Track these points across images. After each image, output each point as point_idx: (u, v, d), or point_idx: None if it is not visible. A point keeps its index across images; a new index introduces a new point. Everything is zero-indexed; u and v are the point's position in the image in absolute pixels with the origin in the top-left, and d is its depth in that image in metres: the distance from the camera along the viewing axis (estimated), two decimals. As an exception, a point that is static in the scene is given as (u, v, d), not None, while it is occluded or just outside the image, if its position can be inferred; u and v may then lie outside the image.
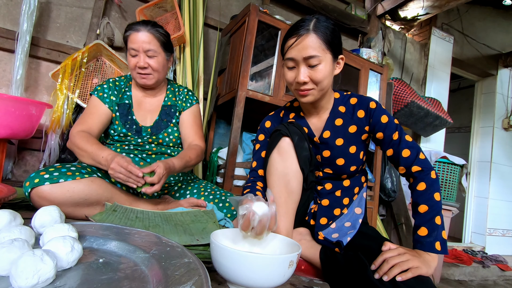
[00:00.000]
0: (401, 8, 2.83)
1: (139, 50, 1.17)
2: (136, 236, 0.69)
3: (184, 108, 1.33)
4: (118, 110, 1.24)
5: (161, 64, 1.22)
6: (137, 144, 1.23)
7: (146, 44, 1.16)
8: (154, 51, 1.18)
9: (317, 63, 0.88)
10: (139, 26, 1.18)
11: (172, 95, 1.35)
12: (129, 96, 1.28)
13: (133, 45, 1.17)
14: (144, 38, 1.16)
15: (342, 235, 0.89)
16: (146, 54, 1.18)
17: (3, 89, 1.69)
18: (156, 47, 1.19)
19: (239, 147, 2.00)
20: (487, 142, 3.83)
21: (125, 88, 1.29)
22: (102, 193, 0.99)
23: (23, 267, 0.44)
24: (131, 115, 1.25)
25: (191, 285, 0.47)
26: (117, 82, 1.29)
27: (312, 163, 0.96)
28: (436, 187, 0.85)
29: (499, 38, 3.91)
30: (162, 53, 1.22)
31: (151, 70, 1.20)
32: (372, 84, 2.32)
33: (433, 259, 0.77)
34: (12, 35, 1.64)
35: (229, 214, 1.16)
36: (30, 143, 1.70)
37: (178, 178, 1.30)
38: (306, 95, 0.93)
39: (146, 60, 1.18)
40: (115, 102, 1.24)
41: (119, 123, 1.23)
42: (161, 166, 1.00)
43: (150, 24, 1.20)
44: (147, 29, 1.18)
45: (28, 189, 0.90)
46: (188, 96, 1.36)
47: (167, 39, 1.25)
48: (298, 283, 0.80)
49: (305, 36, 0.88)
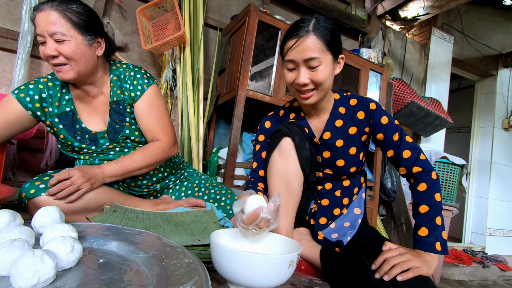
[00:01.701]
0: (401, 8, 2.83)
1: (44, 35, 0.91)
2: (136, 237, 0.69)
3: (134, 99, 1.08)
4: (59, 122, 1.03)
5: (77, 50, 0.94)
6: (100, 152, 1.07)
7: (51, 25, 0.90)
8: (62, 34, 0.91)
9: (317, 65, 0.88)
10: (42, 5, 0.92)
11: (117, 87, 1.08)
12: (69, 101, 1.05)
13: (37, 29, 0.91)
14: (48, 19, 0.90)
15: (341, 235, 0.89)
16: (53, 38, 0.92)
17: (3, 89, 1.69)
18: (64, 28, 0.91)
19: (239, 147, 2.00)
20: (487, 142, 3.83)
21: (62, 91, 1.04)
22: (101, 200, 0.96)
23: (23, 267, 0.44)
24: (78, 124, 1.05)
25: (191, 285, 0.47)
26: (50, 82, 1.03)
27: (313, 164, 0.96)
28: (437, 187, 0.85)
29: (499, 38, 3.91)
30: (78, 36, 0.94)
31: (63, 59, 0.94)
32: (372, 84, 2.32)
33: (434, 259, 0.77)
34: (12, 35, 1.64)
35: (224, 214, 1.14)
36: (30, 143, 1.70)
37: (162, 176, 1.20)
38: (308, 97, 0.92)
39: (54, 46, 0.92)
40: (52, 114, 1.02)
41: (66, 137, 1.04)
42: (72, 172, 0.88)
43: (59, 0, 0.93)
44: (51, 6, 0.91)
45: (25, 201, 0.86)
46: (136, 81, 1.08)
47: (84, 18, 0.95)
48: (298, 283, 0.80)
49: (305, 38, 0.87)
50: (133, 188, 1.16)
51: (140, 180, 1.15)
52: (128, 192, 1.16)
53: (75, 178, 0.88)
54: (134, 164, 1.01)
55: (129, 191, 1.17)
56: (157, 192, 1.23)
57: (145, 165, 1.04)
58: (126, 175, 1.02)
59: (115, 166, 0.99)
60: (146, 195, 1.20)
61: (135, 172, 1.03)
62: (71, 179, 0.88)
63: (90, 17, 0.98)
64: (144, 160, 1.03)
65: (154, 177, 1.17)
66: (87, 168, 0.94)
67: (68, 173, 0.88)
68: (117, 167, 0.99)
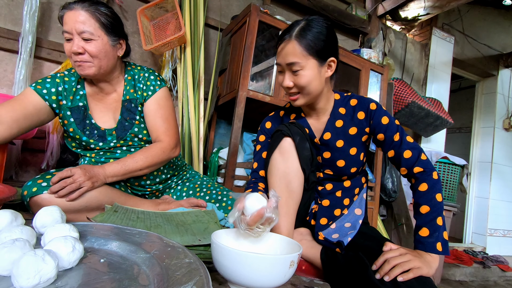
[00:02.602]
0: (401, 8, 2.83)
1: (72, 33, 0.97)
2: (137, 237, 0.69)
3: (145, 98, 1.12)
4: (71, 115, 1.07)
5: (102, 49, 1.01)
6: (107, 151, 1.10)
7: (80, 24, 0.96)
8: (91, 33, 0.98)
9: (298, 69, 0.90)
10: (73, 4, 0.98)
11: (130, 86, 1.13)
12: (83, 96, 1.10)
13: (65, 27, 0.97)
14: (78, 17, 0.96)
15: (342, 235, 0.89)
16: (82, 36, 0.98)
17: (5, 89, 1.69)
18: (93, 28, 0.98)
19: (240, 147, 2.00)
20: (487, 142, 3.82)
21: (77, 86, 1.09)
22: (103, 199, 0.96)
23: (24, 267, 0.44)
24: (89, 119, 1.09)
25: (192, 285, 0.48)
26: (66, 78, 1.09)
27: (313, 164, 0.96)
28: (438, 188, 0.85)
29: (499, 38, 3.91)
30: (104, 37, 1.01)
31: (88, 57, 1.00)
32: (372, 84, 2.32)
33: (434, 260, 0.77)
34: (13, 36, 1.65)
35: (225, 214, 1.15)
36: (31, 144, 1.71)
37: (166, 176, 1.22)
38: (295, 99, 0.96)
39: (80, 44, 0.98)
40: (65, 107, 1.07)
41: (76, 131, 1.07)
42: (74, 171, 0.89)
43: (89, 1, 1.00)
44: (82, 6, 0.98)
45: (26, 199, 0.87)
46: (150, 82, 1.13)
47: (111, 20, 1.03)
48: (299, 283, 0.80)
49: (287, 43, 0.90)
50: (136, 188, 1.17)
51: (144, 180, 1.17)
52: (131, 192, 1.17)
53: (77, 176, 0.89)
54: (136, 164, 1.02)
55: (132, 191, 1.18)
56: (159, 192, 1.25)
57: (146, 166, 1.05)
58: (127, 175, 1.03)
59: (117, 165, 1.00)
60: (149, 195, 1.22)
61: (136, 173, 1.04)
62: (72, 177, 0.89)
63: (116, 19, 1.05)
64: (145, 160, 1.04)
65: (157, 178, 1.20)
66: (89, 167, 0.95)
67: (70, 171, 0.89)
68: (119, 166, 1.00)
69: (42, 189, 0.87)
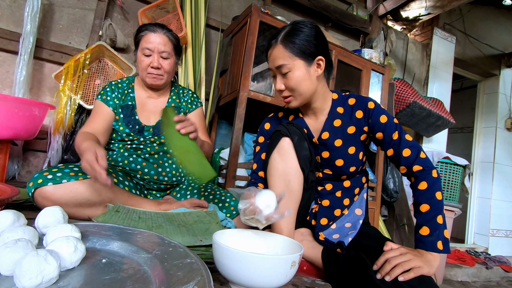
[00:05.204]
0: (403, 8, 2.83)
1: (154, 51, 1.22)
2: (138, 237, 0.69)
3: (189, 110, 1.39)
4: (121, 112, 1.27)
5: (172, 66, 1.29)
6: (139, 144, 1.25)
7: (162, 45, 1.22)
8: (168, 53, 1.24)
9: (287, 71, 0.92)
10: (155, 28, 1.24)
11: (176, 97, 1.39)
12: (132, 98, 1.31)
13: (148, 45, 1.22)
14: (160, 40, 1.23)
15: (342, 235, 0.89)
16: (161, 55, 1.23)
17: (7, 90, 1.70)
18: (170, 49, 1.25)
19: (241, 148, 2.01)
20: (489, 142, 3.81)
21: (128, 90, 1.32)
22: (105, 194, 0.99)
23: (27, 267, 0.45)
24: (134, 116, 1.28)
25: (193, 285, 0.48)
26: (120, 84, 1.32)
27: (312, 163, 0.96)
28: (438, 186, 0.84)
29: (501, 38, 3.90)
30: (174, 56, 1.28)
31: (163, 72, 1.25)
32: (374, 84, 2.32)
33: (435, 259, 0.77)
34: (16, 37, 1.65)
35: (228, 214, 1.17)
36: (33, 144, 1.71)
37: (180, 178, 1.31)
38: (288, 102, 0.98)
39: (159, 61, 1.23)
40: (118, 105, 1.27)
41: (122, 124, 1.26)
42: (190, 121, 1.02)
43: (165, 28, 1.27)
44: (163, 32, 1.24)
45: (31, 190, 0.91)
46: (193, 99, 1.42)
47: (178, 43, 1.31)
48: (300, 284, 0.80)
49: (273, 48, 0.94)
50: (154, 181, 1.24)
51: (163, 176, 1.25)
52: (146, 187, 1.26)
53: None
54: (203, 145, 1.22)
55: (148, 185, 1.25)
56: (172, 186, 1.32)
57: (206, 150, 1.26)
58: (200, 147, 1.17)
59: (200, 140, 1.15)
60: (164, 189, 1.30)
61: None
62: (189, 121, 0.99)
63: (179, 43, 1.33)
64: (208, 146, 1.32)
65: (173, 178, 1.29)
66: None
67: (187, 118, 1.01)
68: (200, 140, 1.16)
69: (47, 181, 0.91)
